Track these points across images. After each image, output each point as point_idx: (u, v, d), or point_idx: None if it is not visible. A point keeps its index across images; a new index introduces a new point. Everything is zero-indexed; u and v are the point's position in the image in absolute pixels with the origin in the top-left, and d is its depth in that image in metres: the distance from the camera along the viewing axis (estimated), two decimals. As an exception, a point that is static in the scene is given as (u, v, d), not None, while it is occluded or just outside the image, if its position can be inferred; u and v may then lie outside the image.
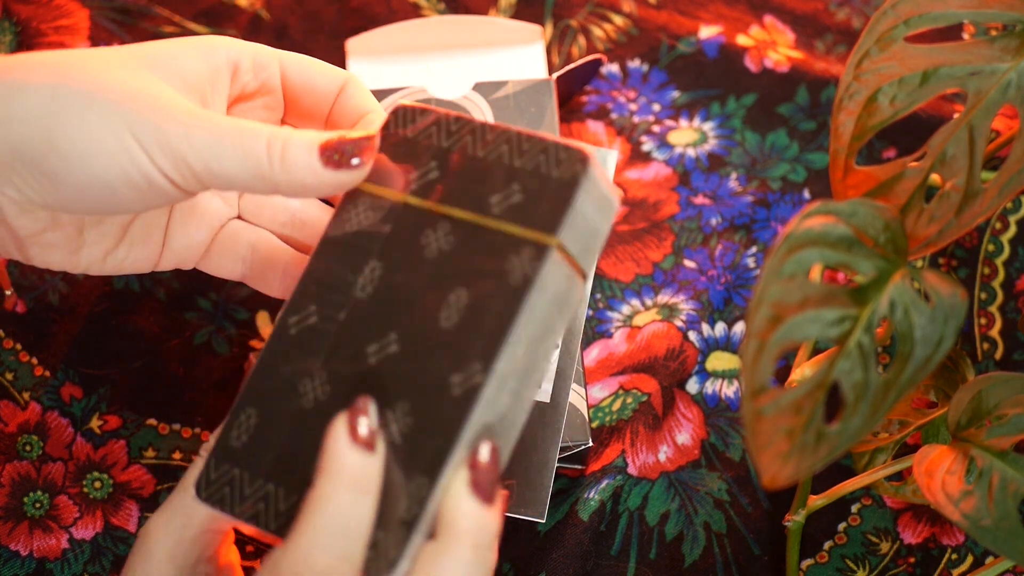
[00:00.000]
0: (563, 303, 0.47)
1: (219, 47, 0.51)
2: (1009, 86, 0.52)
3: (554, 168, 0.47)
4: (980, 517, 0.50)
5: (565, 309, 0.48)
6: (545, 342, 0.47)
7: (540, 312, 0.46)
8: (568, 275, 0.47)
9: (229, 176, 0.47)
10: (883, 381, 0.48)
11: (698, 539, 0.63)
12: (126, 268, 0.53)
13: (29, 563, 0.62)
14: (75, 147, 0.46)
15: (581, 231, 0.47)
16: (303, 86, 0.53)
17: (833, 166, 0.55)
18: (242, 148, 0.47)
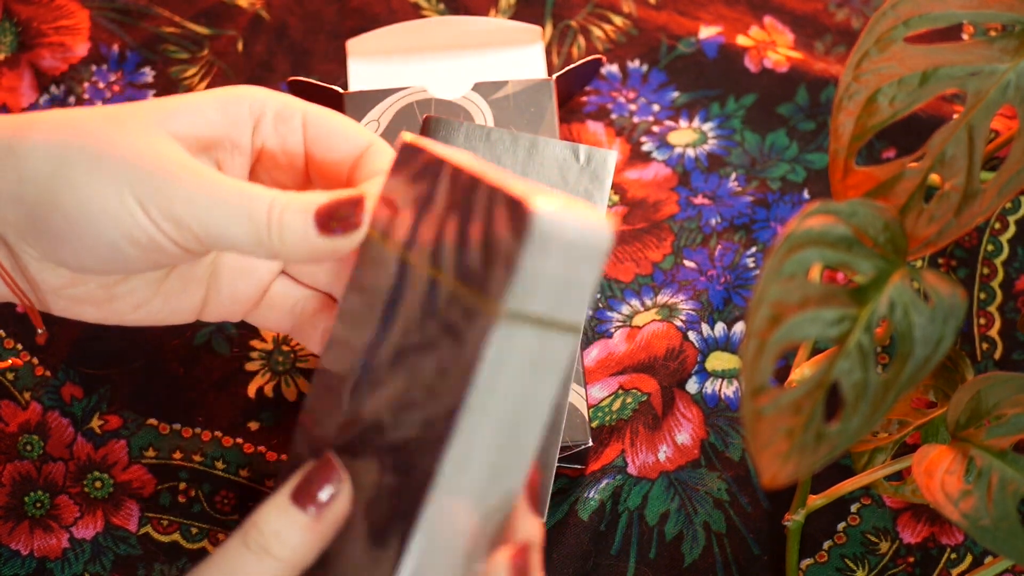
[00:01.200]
0: (537, 365, 0.43)
1: (241, 100, 0.50)
2: (1008, 86, 0.52)
3: (502, 224, 0.43)
4: (979, 517, 0.50)
5: (543, 372, 0.44)
6: (526, 408, 0.44)
7: (503, 381, 0.43)
8: (539, 336, 0.43)
9: (231, 240, 0.47)
10: (882, 381, 0.48)
11: (698, 539, 0.63)
12: (164, 320, 0.53)
13: (30, 562, 0.62)
14: (79, 207, 0.46)
15: (546, 288, 0.43)
16: (324, 144, 0.52)
17: (833, 166, 0.55)
18: (245, 213, 0.46)
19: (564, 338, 0.44)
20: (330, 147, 0.52)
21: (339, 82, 0.72)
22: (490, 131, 0.65)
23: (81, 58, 0.72)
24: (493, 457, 0.44)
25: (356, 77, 0.70)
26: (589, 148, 0.65)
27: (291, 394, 0.66)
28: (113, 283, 0.51)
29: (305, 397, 0.52)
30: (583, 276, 0.43)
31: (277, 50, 0.73)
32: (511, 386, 0.44)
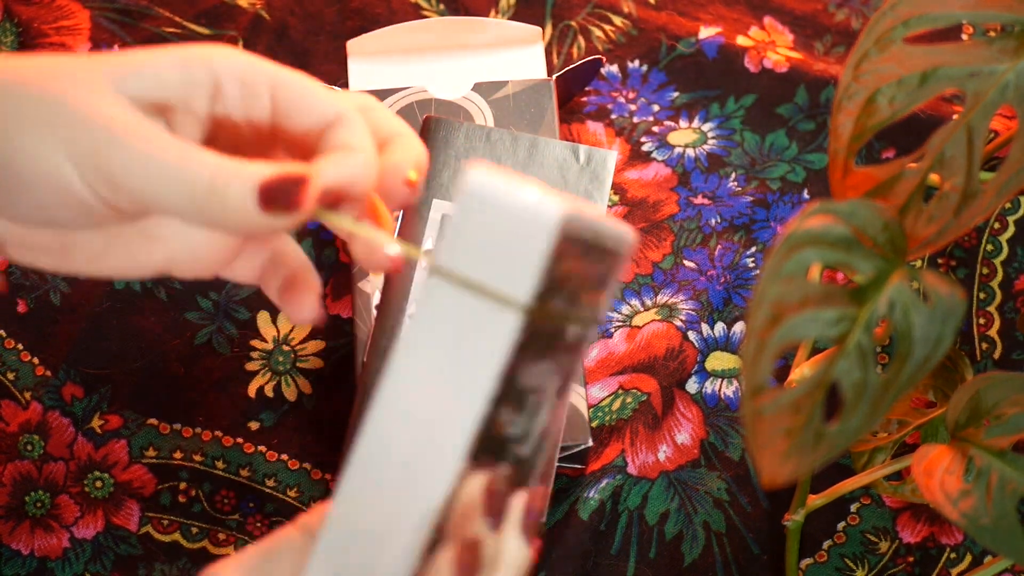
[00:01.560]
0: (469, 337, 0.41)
1: (203, 63, 0.46)
2: (1007, 87, 0.52)
3: None
4: (979, 516, 0.50)
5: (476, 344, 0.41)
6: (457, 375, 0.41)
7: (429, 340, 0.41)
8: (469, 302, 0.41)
9: (169, 206, 0.44)
10: (882, 381, 0.48)
11: (697, 538, 0.63)
12: (125, 273, 0.50)
13: (30, 562, 0.62)
14: (9, 160, 0.44)
15: (477, 250, 0.40)
16: (291, 114, 0.48)
17: (832, 166, 0.55)
18: (186, 179, 0.44)
19: (500, 314, 0.40)
20: (298, 117, 0.48)
21: (340, 82, 0.72)
22: (490, 131, 0.65)
23: (81, 58, 0.72)
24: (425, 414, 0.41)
25: (356, 77, 0.70)
26: (589, 148, 0.65)
27: (291, 394, 0.66)
28: (64, 234, 0.48)
29: None
30: (525, 251, 0.40)
31: (277, 50, 0.73)
32: (437, 347, 0.41)
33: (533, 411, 0.44)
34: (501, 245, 0.40)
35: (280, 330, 0.67)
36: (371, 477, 0.42)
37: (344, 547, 0.42)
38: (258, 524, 0.63)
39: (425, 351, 0.41)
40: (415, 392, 0.41)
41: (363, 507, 0.42)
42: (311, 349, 0.66)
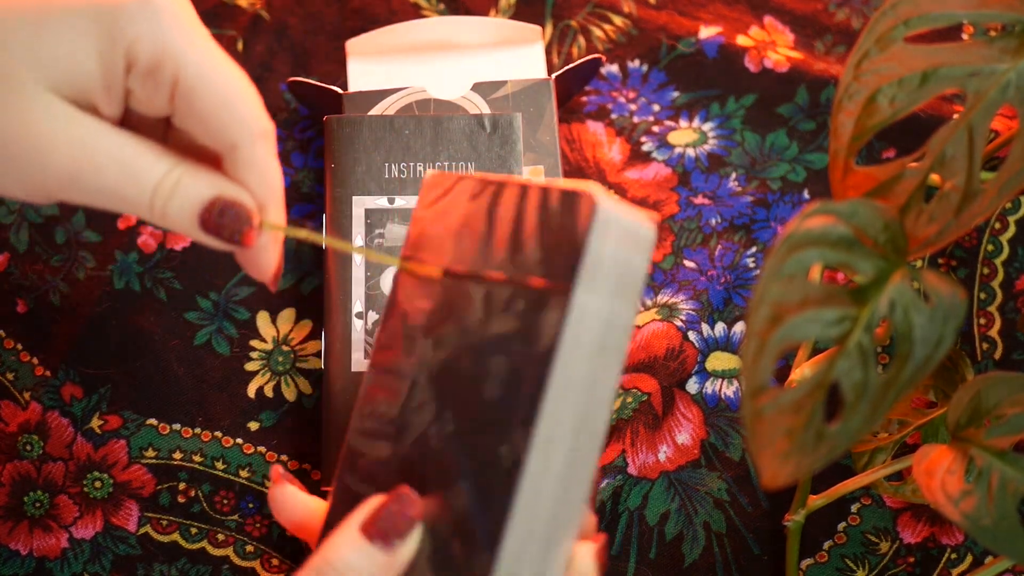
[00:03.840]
0: (604, 347, 0.45)
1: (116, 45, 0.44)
2: (1008, 86, 0.52)
3: (566, 216, 0.46)
4: (979, 516, 0.50)
5: (610, 353, 0.46)
6: (595, 390, 0.46)
7: (578, 364, 0.45)
8: (604, 319, 0.45)
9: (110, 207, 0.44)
10: (883, 381, 0.48)
11: (698, 539, 0.63)
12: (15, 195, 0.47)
13: (29, 562, 0.62)
14: None
15: (608, 272, 0.45)
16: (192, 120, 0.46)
17: (833, 166, 0.55)
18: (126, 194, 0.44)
19: (624, 323, 0.46)
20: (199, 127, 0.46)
21: (339, 82, 0.72)
22: (392, 119, 0.66)
23: (81, 58, 0.72)
24: (572, 440, 0.45)
25: (356, 77, 0.70)
26: (494, 116, 0.66)
27: (291, 394, 0.66)
28: None
29: (350, 426, 0.52)
30: (636, 263, 0.46)
31: (277, 50, 0.73)
32: (584, 368, 0.45)
33: None
34: (623, 263, 0.45)
35: (280, 330, 0.67)
36: (532, 511, 0.45)
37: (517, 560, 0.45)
38: (257, 525, 0.63)
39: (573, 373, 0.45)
40: (567, 411, 0.45)
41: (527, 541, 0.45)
42: (311, 349, 0.66)
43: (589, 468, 0.46)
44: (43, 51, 0.44)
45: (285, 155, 0.71)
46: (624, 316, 0.46)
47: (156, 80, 0.45)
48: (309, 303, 0.67)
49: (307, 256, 0.68)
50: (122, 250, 0.68)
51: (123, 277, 0.67)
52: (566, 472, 0.45)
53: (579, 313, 0.44)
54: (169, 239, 0.68)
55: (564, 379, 0.44)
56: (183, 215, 0.45)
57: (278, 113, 0.72)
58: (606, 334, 0.45)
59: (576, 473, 0.45)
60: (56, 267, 0.67)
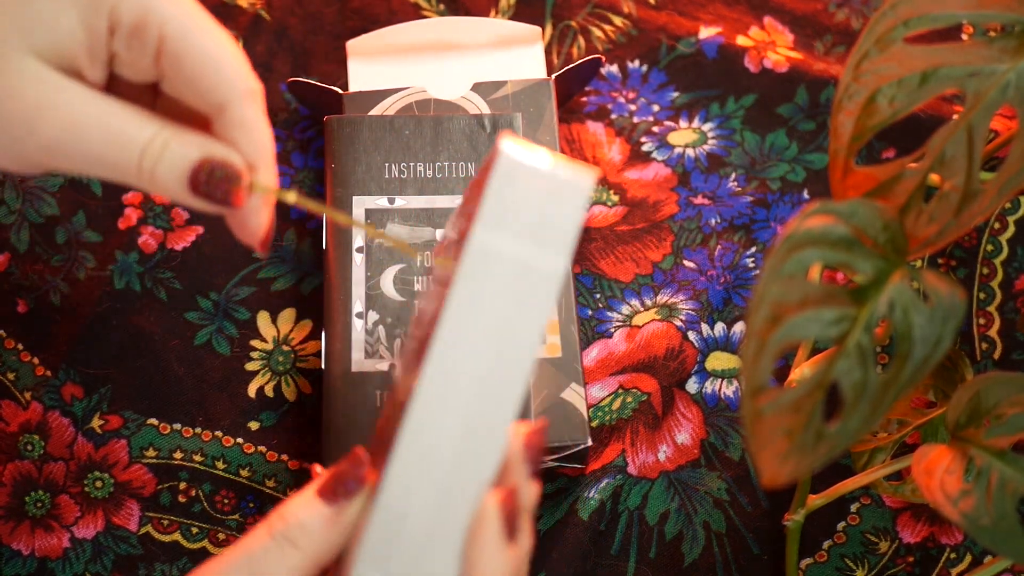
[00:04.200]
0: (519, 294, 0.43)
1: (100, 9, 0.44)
2: (1008, 87, 0.52)
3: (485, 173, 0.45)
4: (979, 516, 0.50)
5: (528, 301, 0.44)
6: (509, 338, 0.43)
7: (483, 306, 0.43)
8: (516, 267, 0.43)
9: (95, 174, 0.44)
10: (882, 381, 0.48)
11: (698, 538, 0.63)
12: None
13: (31, 562, 0.62)
14: None
15: (518, 218, 0.43)
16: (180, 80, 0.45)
17: (832, 166, 0.55)
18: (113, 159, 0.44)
19: (547, 273, 0.44)
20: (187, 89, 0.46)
21: (339, 83, 0.72)
22: (392, 119, 0.66)
23: (81, 58, 0.72)
24: (477, 378, 0.44)
25: (356, 77, 0.70)
26: (494, 116, 0.66)
27: (291, 394, 0.66)
28: None
29: None
30: (562, 213, 0.44)
31: (277, 50, 0.73)
32: (492, 312, 0.43)
33: None
34: (540, 212, 0.43)
35: (280, 330, 0.67)
36: (424, 451, 0.43)
37: (396, 529, 0.44)
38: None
39: (476, 317, 0.43)
40: (467, 359, 0.43)
41: (419, 482, 0.44)
42: (311, 349, 0.66)
43: (503, 418, 0.44)
44: (26, 17, 0.43)
45: (285, 155, 0.71)
46: (548, 266, 0.44)
47: (141, 41, 0.45)
48: (309, 303, 0.67)
49: (307, 256, 0.68)
50: (122, 250, 0.68)
51: (123, 277, 0.67)
52: (471, 415, 0.44)
53: (479, 254, 0.43)
54: (169, 239, 0.68)
55: (464, 319, 0.43)
56: (172, 178, 0.44)
57: (278, 113, 0.72)
58: (520, 280, 0.44)
59: (486, 419, 0.44)
60: (56, 267, 0.67)
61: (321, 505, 0.46)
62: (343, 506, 0.46)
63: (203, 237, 0.68)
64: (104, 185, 0.70)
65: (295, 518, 0.46)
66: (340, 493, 0.46)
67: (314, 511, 0.46)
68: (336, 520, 0.46)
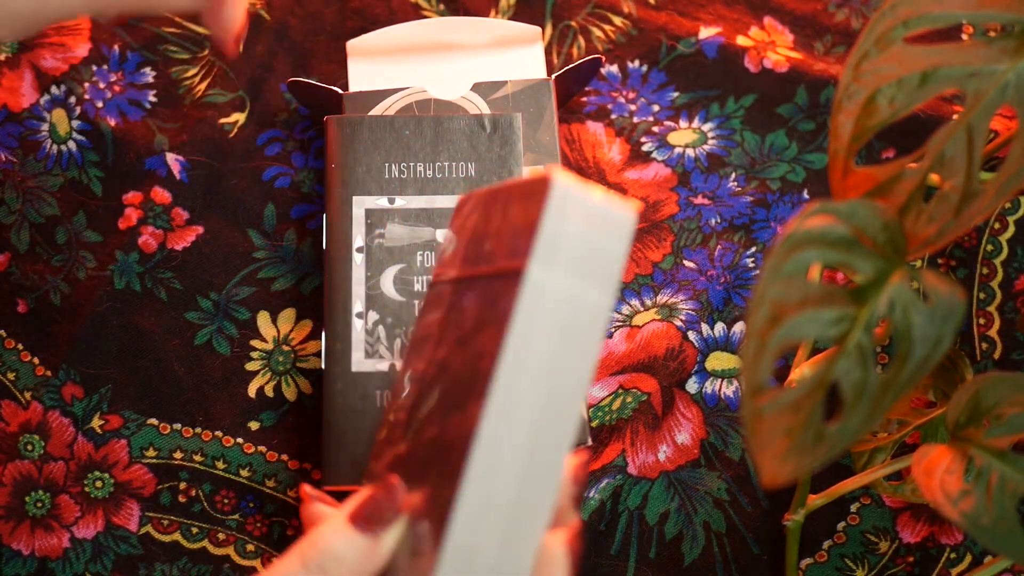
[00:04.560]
0: (569, 329, 0.44)
1: None
2: (1007, 87, 0.52)
3: (530, 201, 0.45)
4: (978, 516, 0.50)
5: (578, 336, 0.45)
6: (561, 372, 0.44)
7: (537, 341, 0.44)
8: (567, 299, 0.44)
9: None
10: (882, 381, 0.48)
11: (697, 538, 0.63)
12: None
13: (31, 562, 0.62)
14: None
15: (569, 251, 0.44)
16: None
17: (832, 166, 0.55)
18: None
19: (595, 307, 0.45)
20: None
21: (339, 83, 0.72)
22: (392, 120, 0.66)
23: (82, 58, 0.72)
24: (534, 415, 0.44)
25: (356, 78, 0.70)
26: (494, 116, 0.66)
27: (291, 394, 0.66)
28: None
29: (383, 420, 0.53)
30: (609, 248, 0.45)
31: (277, 50, 0.73)
32: (545, 346, 0.44)
33: None
34: (589, 245, 0.44)
35: (280, 330, 0.67)
36: (489, 490, 0.44)
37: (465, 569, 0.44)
38: (258, 524, 0.64)
39: (531, 354, 0.44)
40: (525, 395, 0.44)
41: (486, 521, 0.44)
42: (311, 349, 0.66)
43: (559, 453, 0.45)
44: None
45: (285, 155, 0.71)
46: (595, 300, 0.45)
47: None
48: (309, 303, 0.67)
49: (307, 256, 0.68)
50: (123, 250, 0.68)
51: (124, 277, 0.67)
52: (530, 450, 0.44)
53: (534, 289, 0.44)
54: (170, 239, 0.68)
55: (520, 354, 0.44)
56: None
57: (278, 113, 0.72)
58: (571, 315, 0.44)
59: (544, 455, 0.45)
60: (57, 267, 0.67)
61: (355, 534, 0.45)
62: (379, 535, 0.45)
63: (203, 237, 0.69)
64: (104, 185, 0.70)
65: (329, 547, 0.45)
66: (376, 521, 0.45)
67: (349, 540, 0.45)
68: (371, 549, 0.45)
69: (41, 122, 0.71)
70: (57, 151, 0.70)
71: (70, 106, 0.71)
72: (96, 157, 0.70)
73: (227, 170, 0.70)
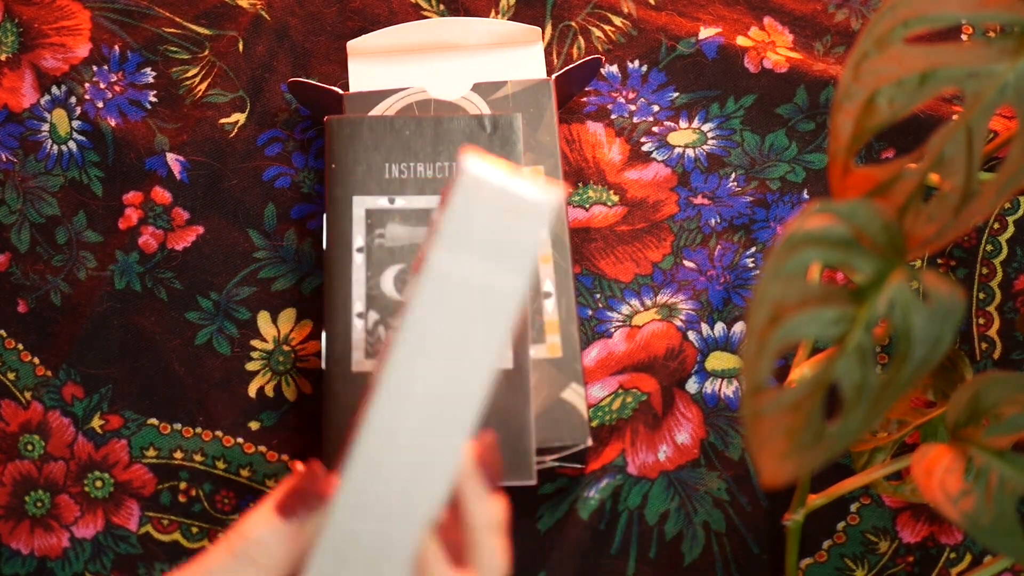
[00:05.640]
0: (475, 313, 0.43)
1: None
2: (1007, 87, 0.52)
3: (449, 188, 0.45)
4: (978, 516, 0.50)
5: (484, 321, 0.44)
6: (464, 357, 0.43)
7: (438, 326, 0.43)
8: (474, 283, 0.43)
9: None
10: (882, 381, 0.48)
11: (697, 538, 0.63)
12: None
13: (30, 562, 0.62)
14: None
15: (478, 236, 0.43)
16: None
17: (832, 166, 0.55)
18: None
19: (505, 292, 0.43)
20: None
21: (340, 83, 0.72)
22: (393, 120, 0.66)
23: (82, 59, 0.72)
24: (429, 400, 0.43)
25: (356, 78, 0.70)
26: (494, 116, 0.66)
27: (291, 394, 0.66)
28: None
29: None
30: (521, 231, 0.43)
31: (278, 51, 0.73)
32: (444, 330, 0.43)
33: None
34: (501, 229, 0.43)
35: (280, 330, 0.67)
36: (376, 472, 0.43)
37: (345, 552, 0.44)
38: (258, 524, 0.64)
39: (430, 338, 0.43)
40: (421, 380, 0.43)
41: (371, 504, 0.43)
42: (311, 349, 0.66)
43: (455, 438, 0.44)
44: None
45: (286, 156, 0.71)
46: (505, 285, 0.43)
47: None
48: (309, 303, 0.67)
49: (307, 256, 0.68)
50: (123, 250, 0.68)
51: (124, 277, 0.68)
52: (423, 438, 0.44)
53: (436, 274, 0.43)
54: (170, 239, 0.68)
55: (419, 337, 0.43)
56: None
57: (279, 114, 0.72)
58: (476, 299, 0.43)
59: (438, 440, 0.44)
60: (57, 267, 0.68)
61: (279, 522, 0.46)
62: (303, 521, 0.46)
63: (203, 237, 0.69)
64: (105, 185, 0.70)
65: (255, 536, 0.45)
66: (299, 508, 0.46)
67: (273, 528, 0.45)
68: (296, 536, 0.46)
69: (42, 122, 0.71)
70: (57, 151, 0.70)
71: (70, 106, 0.71)
72: (96, 157, 0.70)
73: (227, 170, 0.70)
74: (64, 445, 0.64)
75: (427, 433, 0.44)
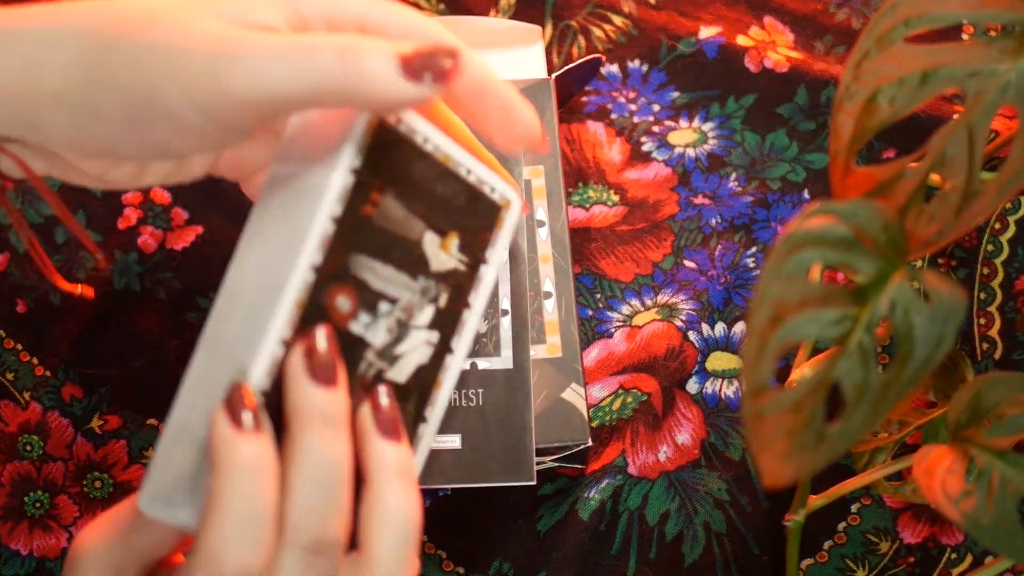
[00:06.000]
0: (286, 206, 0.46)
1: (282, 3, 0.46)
2: (1008, 86, 0.52)
3: None
4: (980, 516, 0.50)
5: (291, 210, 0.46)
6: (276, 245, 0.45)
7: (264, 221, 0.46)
8: (289, 180, 0.46)
9: (298, 96, 0.44)
10: (883, 381, 0.48)
11: (698, 539, 0.63)
12: (178, 179, 0.50)
13: (29, 562, 0.62)
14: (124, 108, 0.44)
15: (304, 144, 0.46)
16: None
17: (833, 166, 0.55)
18: (309, 63, 0.43)
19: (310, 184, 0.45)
20: None
21: (339, 82, 0.72)
22: None
23: (81, 58, 0.72)
24: (251, 297, 0.45)
25: (356, 77, 0.70)
26: None
27: (291, 394, 0.66)
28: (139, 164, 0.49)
29: None
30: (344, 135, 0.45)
31: (277, 50, 0.73)
32: (269, 225, 0.46)
33: (393, 326, 0.46)
34: (322, 136, 0.46)
35: (280, 330, 0.67)
36: (208, 361, 0.45)
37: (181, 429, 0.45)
38: (258, 524, 0.63)
39: (262, 224, 0.46)
40: (254, 261, 0.45)
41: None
42: (311, 349, 0.66)
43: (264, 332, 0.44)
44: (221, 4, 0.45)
45: (285, 155, 0.71)
46: (311, 178, 0.45)
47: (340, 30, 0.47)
48: (309, 303, 0.67)
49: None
50: (122, 250, 0.68)
51: (123, 277, 0.67)
52: (242, 329, 0.45)
53: (272, 179, 0.46)
54: (169, 239, 0.68)
55: (249, 240, 0.46)
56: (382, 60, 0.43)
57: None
58: (293, 197, 0.45)
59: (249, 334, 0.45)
60: (56, 267, 0.67)
61: None
62: None
63: (203, 237, 0.68)
64: (104, 185, 0.70)
65: None
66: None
67: None
68: None
69: (40, 122, 0.71)
70: (56, 151, 0.70)
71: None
72: (96, 157, 0.70)
73: (227, 170, 0.70)
74: (63, 445, 0.64)
75: (245, 327, 0.45)
